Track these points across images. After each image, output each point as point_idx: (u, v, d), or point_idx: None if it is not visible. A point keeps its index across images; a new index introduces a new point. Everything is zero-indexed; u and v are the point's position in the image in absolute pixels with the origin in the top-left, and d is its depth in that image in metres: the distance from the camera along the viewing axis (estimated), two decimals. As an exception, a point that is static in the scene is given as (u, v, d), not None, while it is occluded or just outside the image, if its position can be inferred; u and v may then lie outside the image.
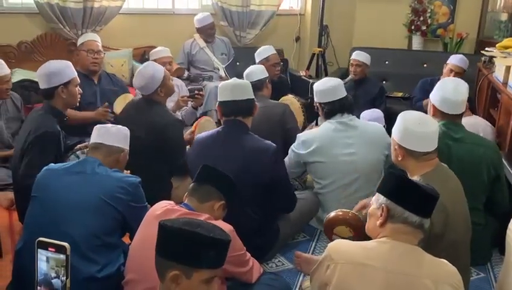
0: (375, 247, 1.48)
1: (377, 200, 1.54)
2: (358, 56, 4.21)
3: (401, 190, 1.48)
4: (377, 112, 3.55)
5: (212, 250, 1.30)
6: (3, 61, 3.12)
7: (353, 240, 2.05)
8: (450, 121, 2.43)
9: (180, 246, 1.28)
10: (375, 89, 4.24)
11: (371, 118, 3.30)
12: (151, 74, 2.81)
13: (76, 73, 2.69)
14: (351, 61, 4.26)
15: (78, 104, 2.77)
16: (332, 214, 2.17)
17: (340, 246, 1.52)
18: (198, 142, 2.48)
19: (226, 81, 2.48)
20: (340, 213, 2.14)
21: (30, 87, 3.79)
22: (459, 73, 3.94)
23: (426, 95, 3.40)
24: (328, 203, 2.74)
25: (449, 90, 2.44)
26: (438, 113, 2.47)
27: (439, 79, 3.96)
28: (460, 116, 2.48)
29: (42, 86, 2.59)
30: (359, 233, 2.05)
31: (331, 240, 2.17)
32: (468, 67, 4.57)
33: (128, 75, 4.46)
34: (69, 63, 2.68)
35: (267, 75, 3.33)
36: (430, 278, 1.39)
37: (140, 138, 2.62)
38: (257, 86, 3.18)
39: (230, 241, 1.36)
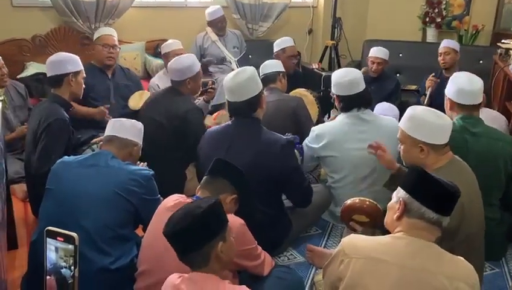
0: (390, 242, 1.46)
1: (397, 194, 1.53)
2: (379, 53, 4.07)
3: (420, 185, 1.47)
4: (393, 111, 3.46)
5: (218, 214, 1.48)
6: None
7: (369, 226, 2.05)
8: (467, 114, 2.39)
9: (210, 228, 1.43)
10: (391, 84, 4.15)
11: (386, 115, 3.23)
12: (190, 62, 2.95)
13: (83, 67, 2.75)
14: (371, 59, 4.11)
15: (81, 97, 2.83)
16: (349, 201, 2.16)
17: (355, 241, 1.51)
18: (209, 135, 2.48)
19: (227, 80, 2.37)
20: (357, 201, 2.13)
21: (44, 80, 3.83)
22: (447, 53, 3.91)
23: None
24: (340, 197, 2.73)
25: (464, 81, 2.41)
26: (455, 106, 2.44)
27: (441, 71, 3.94)
28: (478, 107, 2.44)
29: (52, 72, 2.64)
30: (376, 220, 2.05)
31: (348, 226, 2.17)
32: (483, 60, 4.52)
33: (141, 68, 4.48)
34: (77, 57, 2.75)
35: (283, 70, 3.28)
36: (445, 275, 1.37)
37: (162, 124, 2.69)
38: (270, 77, 3.16)
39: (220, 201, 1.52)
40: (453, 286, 1.36)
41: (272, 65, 3.25)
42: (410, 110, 2.04)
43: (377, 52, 4.09)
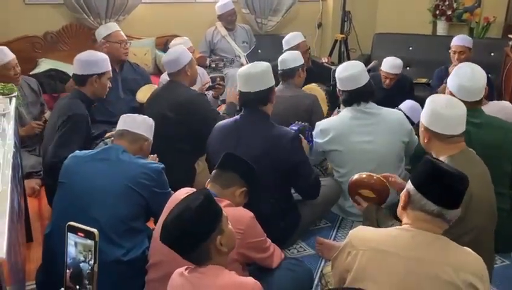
0: (397, 234, 1.47)
1: (407, 185, 1.54)
2: (392, 69, 3.79)
3: (424, 177, 1.46)
4: (417, 107, 3.35)
5: (209, 209, 1.47)
6: (5, 47, 3.21)
7: (375, 202, 2.06)
8: (468, 107, 2.39)
9: (204, 227, 1.44)
10: (406, 86, 4.03)
11: (409, 111, 3.20)
12: (181, 50, 2.98)
13: (110, 67, 2.76)
14: (383, 74, 3.85)
15: (104, 97, 2.85)
16: (356, 176, 2.16)
17: (362, 233, 1.52)
18: (218, 129, 2.50)
19: (242, 70, 2.43)
20: (365, 176, 2.13)
21: (56, 76, 3.90)
22: (463, 52, 3.82)
23: (442, 82, 3.33)
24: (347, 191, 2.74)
25: (466, 78, 2.38)
26: None
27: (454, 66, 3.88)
28: (479, 102, 2.43)
29: (77, 71, 2.67)
30: (381, 196, 2.07)
31: (354, 200, 2.18)
32: (495, 52, 4.46)
33: (151, 64, 4.51)
34: (107, 57, 2.77)
35: (302, 62, 3.23)
36: (452, 267, 1.37)
37: (166, 116, 2.71)
38: (289, 73, 3.14)
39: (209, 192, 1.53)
40: (461, 278, 1.35)
41: (291, 60, 3.17)
42: (431, 96, 2.06)
43: (390, 67, 3.80)
